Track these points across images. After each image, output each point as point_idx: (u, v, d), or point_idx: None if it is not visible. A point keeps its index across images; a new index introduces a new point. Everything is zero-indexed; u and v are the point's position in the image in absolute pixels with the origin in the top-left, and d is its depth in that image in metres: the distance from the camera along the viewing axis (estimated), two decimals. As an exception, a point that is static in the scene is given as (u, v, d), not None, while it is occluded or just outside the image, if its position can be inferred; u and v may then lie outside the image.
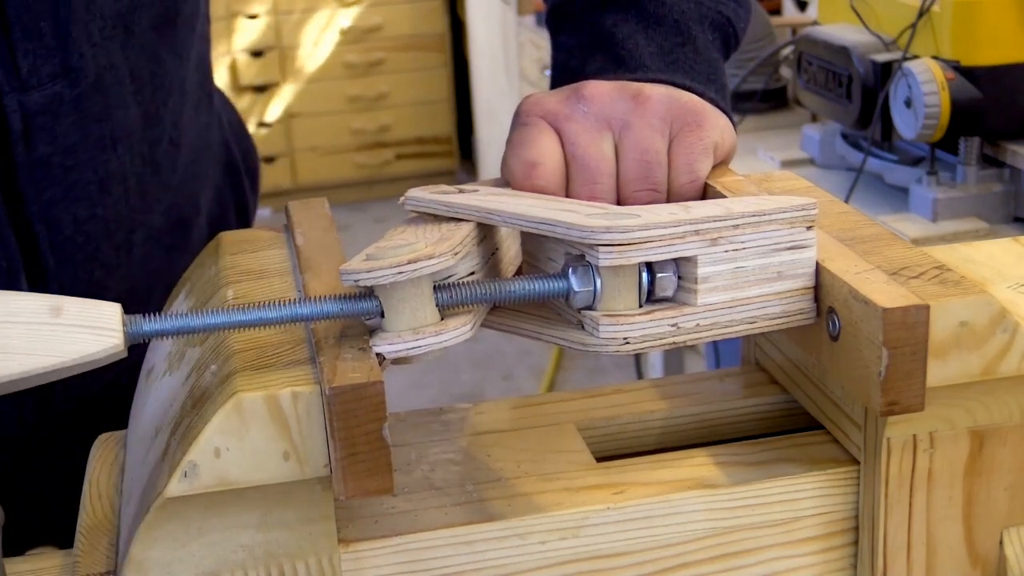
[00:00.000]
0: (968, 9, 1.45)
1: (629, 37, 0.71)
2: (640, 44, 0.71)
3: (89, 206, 0.80)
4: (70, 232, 0.80)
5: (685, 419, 0.69)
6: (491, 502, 0.59)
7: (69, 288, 0.80)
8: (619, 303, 0.56)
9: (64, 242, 0.80)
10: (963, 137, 1.48)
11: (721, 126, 0.66)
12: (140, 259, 0.86)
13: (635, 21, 0.72)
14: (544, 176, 0.62)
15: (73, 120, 0.78)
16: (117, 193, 0.82)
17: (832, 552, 0.61)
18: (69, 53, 0.76)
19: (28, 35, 0.74)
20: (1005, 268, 0.66)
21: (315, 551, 0.55)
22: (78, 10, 0.76)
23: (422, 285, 0.54)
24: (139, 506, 0.55)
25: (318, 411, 0.52)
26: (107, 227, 0.82)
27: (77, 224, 0.80)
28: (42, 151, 0.77)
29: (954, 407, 0.57)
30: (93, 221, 0.81)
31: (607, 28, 0.72)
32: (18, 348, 0.50)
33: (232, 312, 0.53)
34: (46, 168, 0.78)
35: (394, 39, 4.33)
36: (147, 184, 0.84)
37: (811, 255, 0.58)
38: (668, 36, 0.72)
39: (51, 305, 0.51)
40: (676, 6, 0.73)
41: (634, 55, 0.71)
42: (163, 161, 0.85)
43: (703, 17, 0.73)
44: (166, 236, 0.88)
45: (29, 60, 0.75)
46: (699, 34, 0.72)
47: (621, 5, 0.73)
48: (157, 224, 0.87)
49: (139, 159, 0.83)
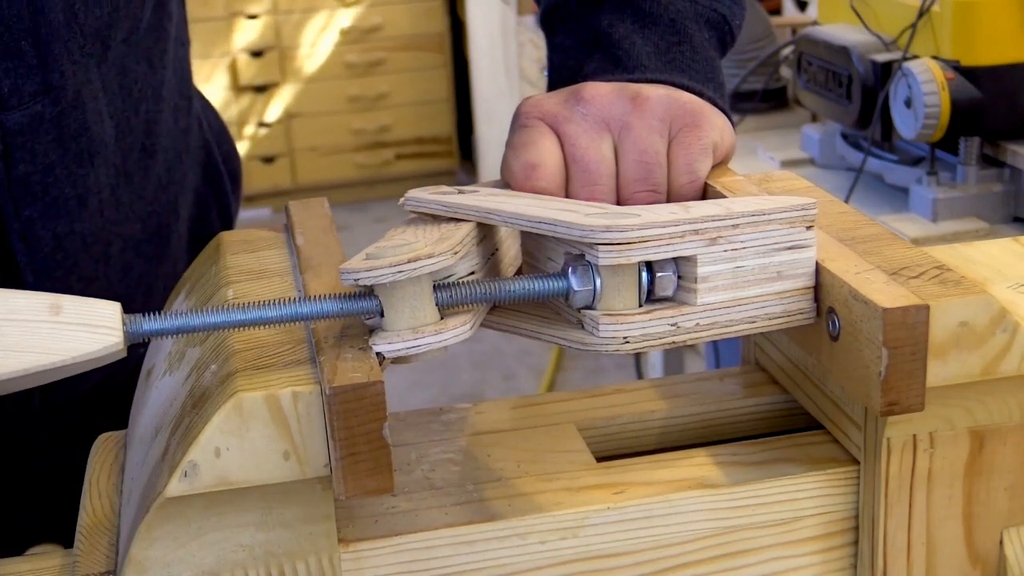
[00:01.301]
0: (968, 9, 1.45)
1: (626, 37, 0.71)
2: (637, 44, 0.71)
3: (68, 222, 0.80)
4: (49, 249, 0.79)
5: (685, 419, 0.69)
6: (491, 502, 0.59)
7: None
8: (619, 302, 0.56)
9: (43, 259, 0.79)
10: (963, 137, 1.48)
11: (720, 126, 0.66)
12: (120, 269, 0.85)
13: (631, 20, 0.72)
14: (544, 177, 0.62)
15: (53, 137, 0.77)
16: (93, 206, 0.81)
17: (832, 552, 0.61)
18: (50, 71, 0.75)
19: (8, 54, 0.73)
20: (1005, 268, 0.66)
21: (315, 551, 0.55)
22: (58, 28, 0.75)
23: (422, 284, 0.54)
24: (139, 506, 0.55)
25: (318, 411, 0.52)
26: (85, 241, 0.81)
27: (56, 240, 0.80)
28: (21, 170, 0.76)
29: (954, 407, 0.57)
30: (72, 236, 0.80)
31: (603, 28, 0.72)
32: (17, 346, 0.50)
33: (232, 311, 0.53)
34: (25, 186, 0.77)
35: (394, 39, 4.33)
36: (122, 194, 0.84)
37: (811, 255, 0.58)
38: (664, 35, 0.71)
39: (50, 303, 0.51)
40: (672, 5, 0.72)
41: (631, 55, 0.71)
42: (135, 170, 0.85)
43: (699, 15, 0.73)
44: (145, 244, 0.87)
45: (10, 80, 0.74)
46: (695, 32, 0.72)
47: (616, 4, 0.73)
48: (135, 233, 0.86)
49: (112, 170, 0.82)
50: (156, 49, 0.86)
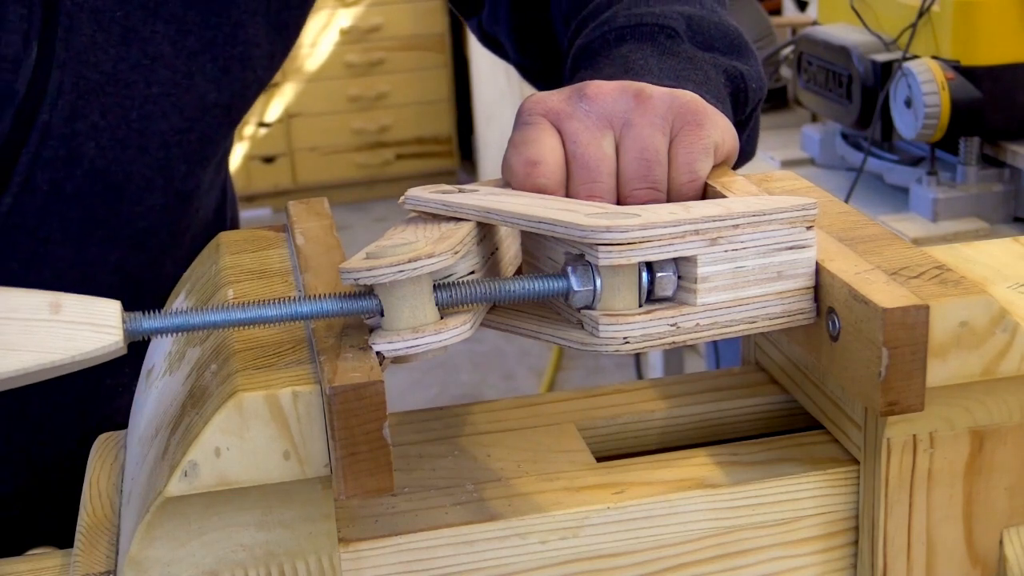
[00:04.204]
0: (968, 9, 1.45)
1: (642, 59, 0.72)
2: (651, 63, 0.72)
3: None
4: None
5: (685, 419, 0.69)
6: (491, 502, 0.59)
7: None
8: (619, 302, 0.56)
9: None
10: (963, 137, 1.48)
11: (722, 126, 0.66)
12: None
13: (650, 50, 0.73)
14: (545, 174, 0.62)
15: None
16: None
17: (832, 552, 0.61)
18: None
19: None
20: (1005, 268, 0.66)
21: (315, 551, 0.55)
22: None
23: (422, 284, 0.54)
24: (139, 506, 0.55)
25: (318, 410, 0.52)
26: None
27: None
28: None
29: (954, 407, 0.57)
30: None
31: (622, 53, 0.73)
32: (17, 344, 0.50)
33: (232, 310, 0.53)
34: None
35: (394, 39, 4.33)
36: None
37: (811, 255, 0.58)
38: (680, 63, 0.73)
39: (50, 302, 0.51)
40: (692, 50, 0.74)
41: (644, 67, 0.71)
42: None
43: (717, 65, 0.74)
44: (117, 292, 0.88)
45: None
46: (711, 72, 0.73)
47: (638, 38, 0.74)
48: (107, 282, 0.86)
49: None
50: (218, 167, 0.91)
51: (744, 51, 0.78)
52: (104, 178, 0.81)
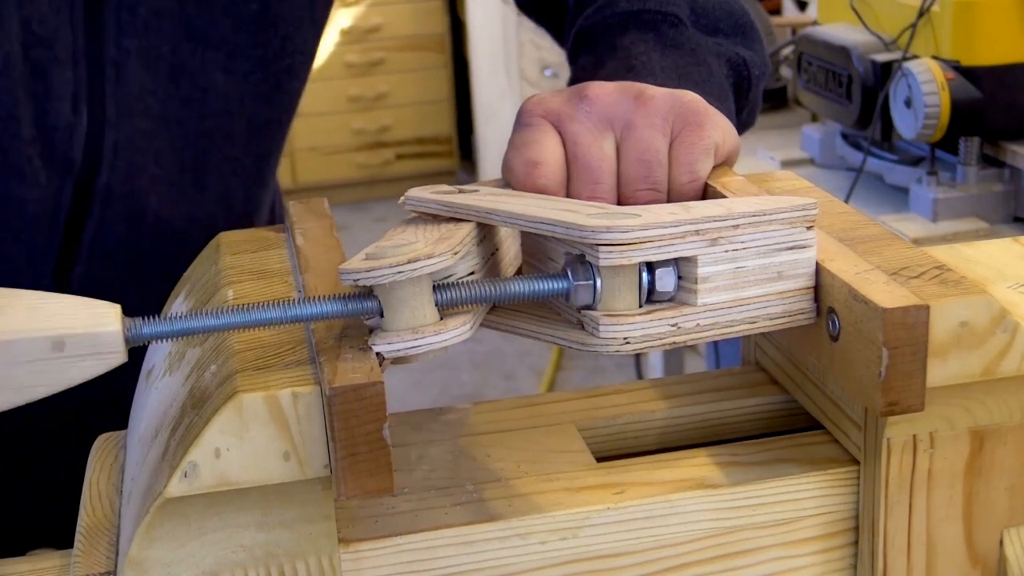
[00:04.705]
0: (968, 9, 1.45)
1: (644, 53, 0.72)
2: (654, 59, 0.72)
3: None
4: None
5: (685, 419, 0.69)
6: (491, 502, 0.59)
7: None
8: (619, 303, 0.55)
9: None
10: (963, 137, 1.48)
11: (723, 127, 0.66)
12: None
13: (653, 42, 0.73)
14: (545, 175, 0.62)
15: None
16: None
17: (832, 552, 0.61)
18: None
19: None
20: (1005, 268, 0.66)
21: (315, 551, 0.55)
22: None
23: (421, 284, 0.54)
24: (139, 506, 0.55)
25: (318, 411, 0.52)
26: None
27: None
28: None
29: (954, 407, 0.57)
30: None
31: (624, 44, 0.73)
32: (24, 383, 0.51)
33: (232, 313, 0.53)
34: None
35: (394, 39, 4.33)
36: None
37: (811, 255, 0.58)
38: (683, 57, 0.72)
39: (53, 341, 0.51)
40: (695, 37, 0.74)
41: (647, 66, 0.71)
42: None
43: (720, 54, 0.74)
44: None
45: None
46: (714, 64, 0.73)
47: (640, 27, 0.73)
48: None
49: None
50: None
51: (749, 32, 0.77)
52: (170, 227, 0.80)
